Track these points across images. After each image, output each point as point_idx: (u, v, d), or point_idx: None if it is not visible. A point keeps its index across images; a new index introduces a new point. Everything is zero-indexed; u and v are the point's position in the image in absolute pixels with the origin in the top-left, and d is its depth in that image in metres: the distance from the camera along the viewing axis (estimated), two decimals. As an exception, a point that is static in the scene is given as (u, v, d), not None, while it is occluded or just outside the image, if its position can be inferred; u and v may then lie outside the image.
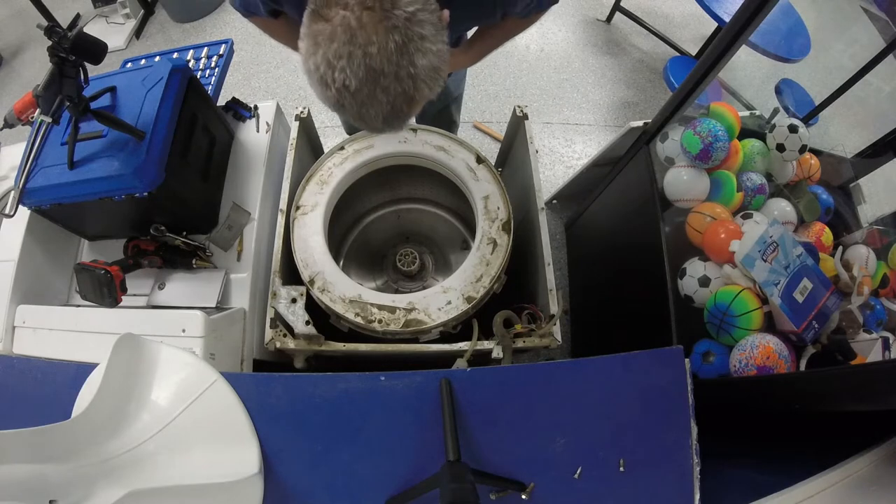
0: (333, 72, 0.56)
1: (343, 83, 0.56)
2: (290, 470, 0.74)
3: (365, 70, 0.55)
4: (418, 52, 0.57)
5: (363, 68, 0.55)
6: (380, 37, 0.55)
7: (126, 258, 1.06)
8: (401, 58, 0.56)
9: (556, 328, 1.03)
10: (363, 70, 0.55)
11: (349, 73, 0.55)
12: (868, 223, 1.34)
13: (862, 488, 0.73)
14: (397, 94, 0.58)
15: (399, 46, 0.55)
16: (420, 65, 0.57)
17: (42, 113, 0.85)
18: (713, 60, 1.02)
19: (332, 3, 0.56)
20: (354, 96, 0.57)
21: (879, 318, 1.12)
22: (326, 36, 0.55)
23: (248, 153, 1.26)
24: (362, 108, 0.59)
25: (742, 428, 1.05)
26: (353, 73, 0.55)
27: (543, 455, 0.77)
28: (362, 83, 0.56)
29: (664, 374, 0.81)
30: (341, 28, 0.55)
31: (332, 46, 0.55)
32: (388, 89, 0.57)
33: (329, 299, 1.02)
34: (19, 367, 0.80)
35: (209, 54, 1.37)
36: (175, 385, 0.74)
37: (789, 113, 1.47)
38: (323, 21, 0.55)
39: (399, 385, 0.77)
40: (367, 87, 0.57)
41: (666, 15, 2.76)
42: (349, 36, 0.54)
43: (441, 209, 1.55)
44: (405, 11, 0.55)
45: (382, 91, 0.57)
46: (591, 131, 2.31)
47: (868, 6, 2.55)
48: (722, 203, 1.23)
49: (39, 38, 1.73)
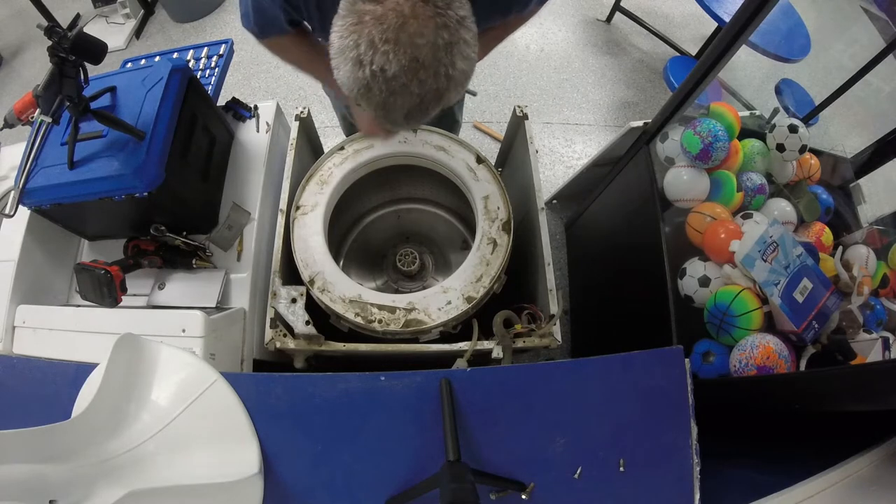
0: (374, 53, 0.55)
1: (381, 66, 0.56)
2: (290, 470, 0.74)
3: (409, 59, 0.55)
4: (459, 55, 0.58)
5: (407, 57, 0.55)
6: (430, 31, 0.55)
7: (126, 258, 1.06)
8: (444, 56, 0.57)
9: (556, 328, 1.03)
10: (407, 59, 0.55)
11: (391, 58, 0.55)
12: (868, 223, 1.34)
13: (862, 488, 0.73)
14: (430, 90, 0.58)
15: (446, 44, 0.56)
16: (458, 67, 0.59)
17: (42, 113, 0.85)
18: (713, 60, 1.02)
19: None
20: (388, 82, 0.57)
21: (879, 318, 1.12)
22: (376, 16, 0.55)
23: (248, 153, 1.26)
24: (391, 97, 0.58)
25: (742, 428, 1.05)
26: (397, 58, 0.55)
27: (543, 455, 0.77)
28: (401, 71, 0.56)
29: (664, 374, 0.81)
30: (394, 13, 0.55)
31: (379, 27, 0.55)
32: (424, 83, 0.57)
33: (329, 299, 1.02)
34: (19, 367, 0.80)
35: (209, 54, 1.37)
36: (175, 385, 0.74)
37: (789, 113, 1.47)
38: (373, 2, 0.55)
39: (399, 385, 0.77)
40: (404, 76, 0.56)
41: (666, 15, 2.76)
42: (401, 22, 0.54)
43: (441, 209, 1.55)
44: (457, 14, 0.57)
45: (418, 84, 0.57)
46: (591, 131, 2.31)
47: (868, 6, 2.55)
48: (722, 203, 1.23)
49: (39, 38, 1.73)
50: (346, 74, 0.59)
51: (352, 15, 0.57)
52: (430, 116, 0.64)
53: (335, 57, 0.59)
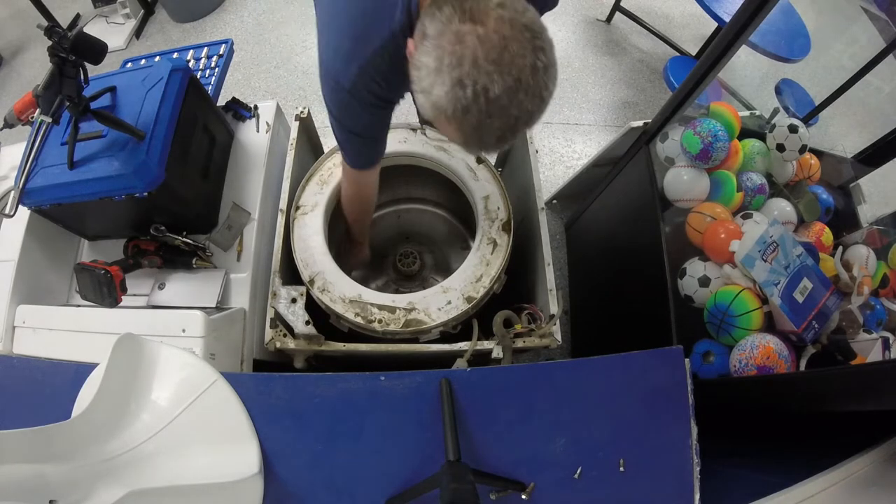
0: (479, 73, 0.55)
1: (484, 86, 0.55)
2: (290, 470, 0.74)
3: (513, 80, 0.56)
4: (552, 79, 0.59)
5: (512, 78, 0.55)
6: (530, 53, 0.56)
7: (126, 258, 1.06)
8: (542, 77, 0.58)
9: (556, 328, 1.03)
10: (511, 79, 0.55)
11: (496, 79, 0.55)
12: (868, 223, 1.34)
13: (862, 488, 0.73)
14: (525, 111, 0.59)
15: (544, 67, 0.57)
16: (550, 90, 0.60)
17: (42, 113, 0.85)
18: (713, 60, 1.02)
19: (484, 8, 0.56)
20: (490, 102, 0.56)
21: (879, 318, 1.12)
22: (478, 37, 0.55)
23: (248, 153, 1.26)
24: (488, 118, 0.58)
25: (742, 428, 1.05)
26: (501, 79, 0.55)
27: (543, 455, 0.77)
28: (504, 92, 0.56)
29: (664, 374, 0.81)
30: (496, 34, 0.55)
31: (482, 48, 0.55)
32: (522, 105, 0.58)
33: (329, 299, 1.02)
34: (19, 367, 0.80)
35: (209, 54, 1.37)
36: (175, 385, 0.74)
37: (789, 113, 1.47)
38: (472, 23, 0.55)
39: (399, 385, 0.77)
40: (506, 97, 0.56)
41: (666, 15, 2.76)
42: (504, 44, 0.55)
43: (441, 209, 1.55)
44: (549, 39, 0.59)
45: (517, 105, 0.57)
46: (591, 131, 2.31)
47: (868, 6, 2.56)
48: (722, 203, 1.23)
49: (39, 38, 1.73)
50: (442, 94, 0.58)
51: (448, 34, 0.56)
52: (514, 140, 0.64)
53: (427, 77, 0.58)
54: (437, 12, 0.58)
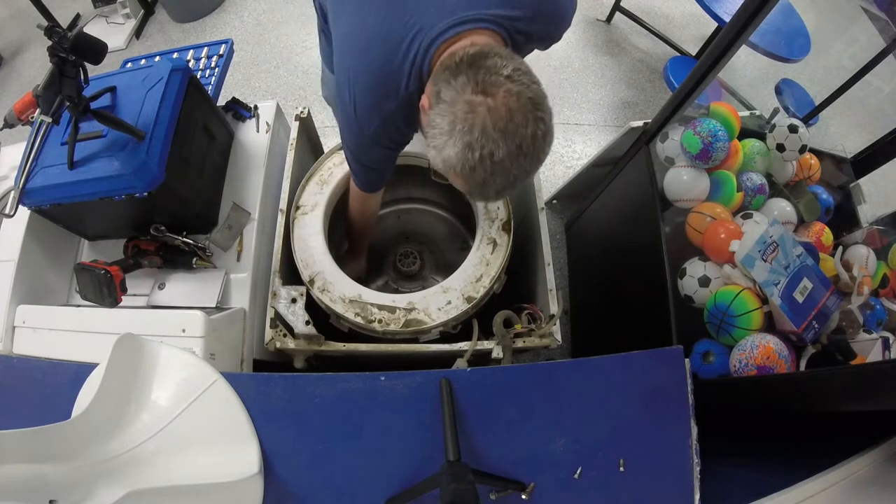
0: (486, 140, 0.62)
1: (490, 151, 0.62)
2: (290, 470, 0.74)
3: (515, 147, 0.63)
4: (548, 143, 0.67)
5: (514, 145, 0.63)
6: (531, 123, 0.63)
7: (126, 258, 1.06)
8: (541, 144, 0.65)
9: (556, 328, 1.03)
10: (514, 146, 0.63)
11: (501, 145, 0.62)
12: (868, 223, 1.34)
13: (862, 488, 0.73)
14: (523, 171, 0.66)
15: (542, 135, 0.65)
16: (546, 153, 0.67)
17: (42, 113, 0.85)
18: (713, 60, 1.02)
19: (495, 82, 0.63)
20: (494, 165, 0.63)
21: (879, 318, 1.11)
22: (489, 108, 0.62)
23: (248, 153, 1.26)
24: (491, 177, 0.65)
25: (742, 428, 1.05)
26: (506, 146, 0.62)
27: (543, 455, 0.77)
28: (507, 156, 0.63)
29: (664, 374, 0.81)
30: (504, 107, 0.62)
31: (491, 118, 0.62)
32: (522, 166, 0.65)
33: (329, 299, 1.02)
34: (19, 367, 0.80)
35: (209, 54, 1.37)
36: (175, 385, 0.74)
37: (789, 113, 1.47)
38: (483, 95, 0.62)
39: (399, 385, 0.77)
40: (508, 161, 0.63)
41: (666, 15, 2.76)
42: (510, 115, 0.62)
43: (441, 209, 1.55)
44: (548, 109, 0.66)
45: (518, 167, 0.65)
46: (591, 131, 2.31)
47: (868, 6, 2.55)
48: (722, 203, 1.23)
49: (39, 38, 1.73)
50: (453, 154, 0.65)
51: (461, 103, 0.63)
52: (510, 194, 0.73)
53: (440, 137, 0.66)
54: (453, 80, 0.64)
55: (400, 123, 0.80)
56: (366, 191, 1.00)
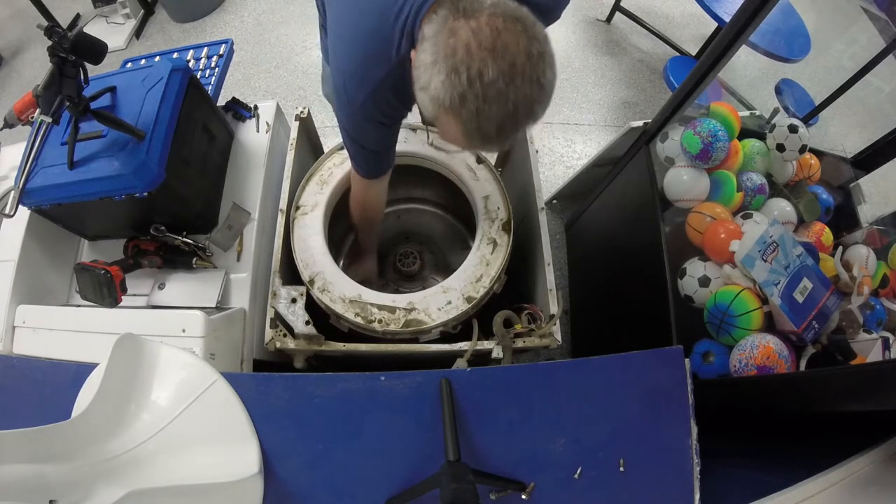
0: (472, 59, 0.57)
1: (479, 70, 0.57)
2: (290, 470, 0.74)
3: (507, 64, 0.57)
4: (549, 65, 0.60)
5: (506, 62, 0.57)
6: (523, 41, 0.58)
7: (126, 258, 1.06)
8: (538, 63, 0.59)
9: (556, 328, 1.03)
10: (506, 63, 0.57)
11: (489, 63, 0.57)
12: (868, 223, 1.34)
13: (862, 488, 0.73)
14: (524, 97, 0.59)
15: (539, 54, 0.59)
16: (548, 76, 0.61)
17: (42, 113, 0.85)
18: (713, 60, 1.02)
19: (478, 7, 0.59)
20: (486, 88, 0.57)
21: (879, 318, 1.11)
22: (471, 29, 0.58)
23: (248, 153, 1.26)
24: (485, 105, 0.58)
25: (742, 428, 1.05)
26: (495, 63, 0.57)
27: (543, 455, 0.77)
28: (499, 75, 0.57)
29: (664, 374, 0.81)
30: (488, 27, 0.57)
31: (476, 37, 0.57)
32: (520, 89, 0.58)
33: (329, 299, 1.02)
34: (19, 367, 0.80)
35: (209, 54, 1.37)
36: (175, 385, 0.74)
37: (789, 113, 1.47)
38: (465, 18, 0.59)
39: (399, 385, 0.77)
40: (501, 81, 0.57)
41: (666, 15, 2.76)
42: (496, 34, 0.57)
43: (441, 209, 1.55)
44: (542, 32, 0.60)
45: (514, 90, 0.58)
46: (591, 131, 2.31)
47: (868, 6, 2.56)
48: (722, 203, 1.23)
49: (39, 38, 1.73)
50: (438, 84, 0.59)
51: (443, 32, 0.59)
52: (520, 132, 0.64)
53: (425, 73, 0.61)
54: (434, 16, 0.62)
55: (389, 94, 0.76)
56: (366, 177, 0.96)
